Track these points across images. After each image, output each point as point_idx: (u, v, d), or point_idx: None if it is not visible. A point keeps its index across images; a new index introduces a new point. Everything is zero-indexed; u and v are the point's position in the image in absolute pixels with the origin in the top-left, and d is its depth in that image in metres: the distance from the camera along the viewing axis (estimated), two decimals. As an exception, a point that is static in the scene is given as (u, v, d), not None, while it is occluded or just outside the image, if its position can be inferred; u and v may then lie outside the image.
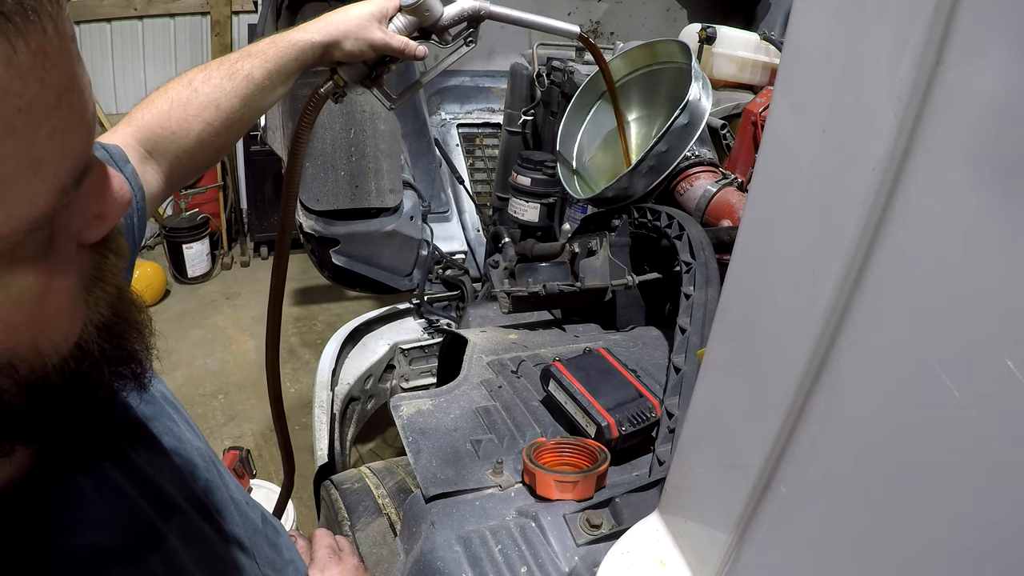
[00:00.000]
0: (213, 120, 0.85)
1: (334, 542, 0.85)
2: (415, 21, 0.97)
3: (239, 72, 0.87)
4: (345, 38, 0.92)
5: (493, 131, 2.66)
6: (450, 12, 1.01)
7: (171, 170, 0.84)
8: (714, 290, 1.06)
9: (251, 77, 0.87)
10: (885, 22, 0.42)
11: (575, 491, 0.83)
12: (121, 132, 0.81)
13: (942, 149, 0.39)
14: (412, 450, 0.91)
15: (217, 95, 0.85)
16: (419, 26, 0.99)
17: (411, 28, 0.98)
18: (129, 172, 0.75)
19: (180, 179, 0.87)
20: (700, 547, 0.69)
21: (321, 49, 0.92)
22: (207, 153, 0.88)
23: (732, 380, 0.64)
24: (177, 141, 0.83)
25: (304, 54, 0.91)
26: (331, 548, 0.83)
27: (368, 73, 0.99)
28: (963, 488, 0.40)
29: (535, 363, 1.11)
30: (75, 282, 0.40)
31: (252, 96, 0.88)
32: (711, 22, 2.06)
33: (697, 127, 1.26)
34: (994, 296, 0.37)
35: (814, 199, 0.50)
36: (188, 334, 3.59)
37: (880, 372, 0.45)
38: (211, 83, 0.85)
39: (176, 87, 0.86)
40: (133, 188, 0.73)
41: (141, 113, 0.83)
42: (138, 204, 0.75)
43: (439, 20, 1.00)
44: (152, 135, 0.82)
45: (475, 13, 1.03)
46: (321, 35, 0.91)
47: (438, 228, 2.35)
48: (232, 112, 0.86)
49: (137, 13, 4.07)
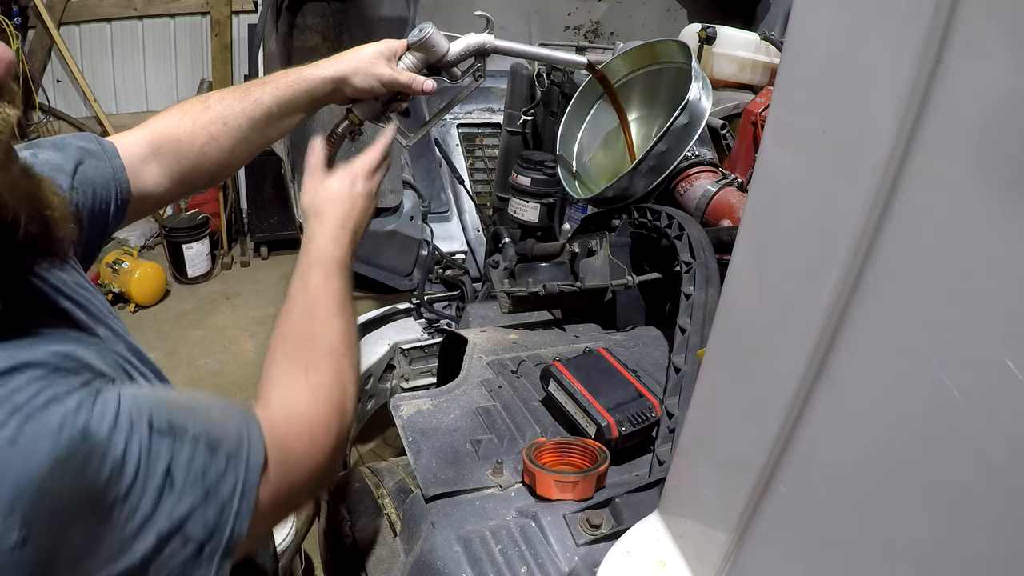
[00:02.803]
0: (218, 135, 0.91)
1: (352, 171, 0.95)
2: (423, 58, 1.01)
3: (250, 95, 0.92)
4: (355, 74, 0.95)
5: (493, 131, 2.65)
6: (456, 48, 1.03)
7: (172, 174, 0.90)
8: (714, 290, 1.06)
9: (260, 101, 0.92)
10: (885, 22, 0.42)
11: (575, 491, 0.83)
12: (133, 133, 0.89)
13: (942, 149, 0.39)
14: (412, 450, 0.91)
15: (226, 113, 0.91)
16: (427, 63, 1.02)
17: (419, 65, 1.01)
18: (116, 165, 0.83)
19: (182, 185, 0.93)
20: (700, 547, 0.69)
21: (332, 84, 0.95)
22: (211, 166, 0.93)
23: (732, 380, 0.64)
24: (182, 148, 0.90)
25: (314, 87, 0.95)
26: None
27: (382, 110, 1.02)
28: (963, 488, 0.40)
29: (535, 363, 1.11)
30: None
31: (260, 120, 0.93)
32: (711, 22, 2.06)
33: (697, 127, 1.26)
34: (994, 296, 0.37)
35: (814, 199, 0.50)
36: (188, 334, 3.59)
37: (880, 372, 0.45)
38: (223, 102, 0.92)
39: (193, 102, 0.93)
40: (118, 180, 0.83)
41: (156, 120, 0.91)
42: (120, 191, 0.83)
43: (445, 56, 1.02)
44: (159, 139, 0.89)
45: (480, 48, 1.05)
46: (331, 71, 0.95)
47: (438, 228, 2.35)
48: (239, 132, 0.92)
49: (137, 13, 4.07)
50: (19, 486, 0.45)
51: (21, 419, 0.46)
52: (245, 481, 0.59)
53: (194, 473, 0.56)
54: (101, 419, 0.50)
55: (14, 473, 0.45)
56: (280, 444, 0.65)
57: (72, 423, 0.48)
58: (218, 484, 0.57)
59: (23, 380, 0.48)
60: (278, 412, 0.70)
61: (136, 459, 0.52)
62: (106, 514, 0.50)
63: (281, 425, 0.68)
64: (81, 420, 0.49)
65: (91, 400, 0.51)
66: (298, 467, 0.68)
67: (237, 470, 0.59)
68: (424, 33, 0.99)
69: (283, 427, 0.68)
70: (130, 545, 0.51)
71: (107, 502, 0.50)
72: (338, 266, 0.87)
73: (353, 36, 2.44)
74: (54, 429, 0.47)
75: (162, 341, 3.46)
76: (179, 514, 0.54)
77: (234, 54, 4.30)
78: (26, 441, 0.46)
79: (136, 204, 0.87)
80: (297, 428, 0.69)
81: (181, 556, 0.55)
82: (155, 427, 0.54)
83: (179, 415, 0.57)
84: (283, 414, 0.70)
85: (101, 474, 0.49)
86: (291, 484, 0.67)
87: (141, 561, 0.52)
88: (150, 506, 0.52)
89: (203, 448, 0.57)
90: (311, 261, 0.86)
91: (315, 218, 0.91)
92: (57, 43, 3.87)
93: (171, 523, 0.54)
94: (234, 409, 0.64)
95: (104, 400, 0.52)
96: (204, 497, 0.56)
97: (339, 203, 0.92)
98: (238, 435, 0.61)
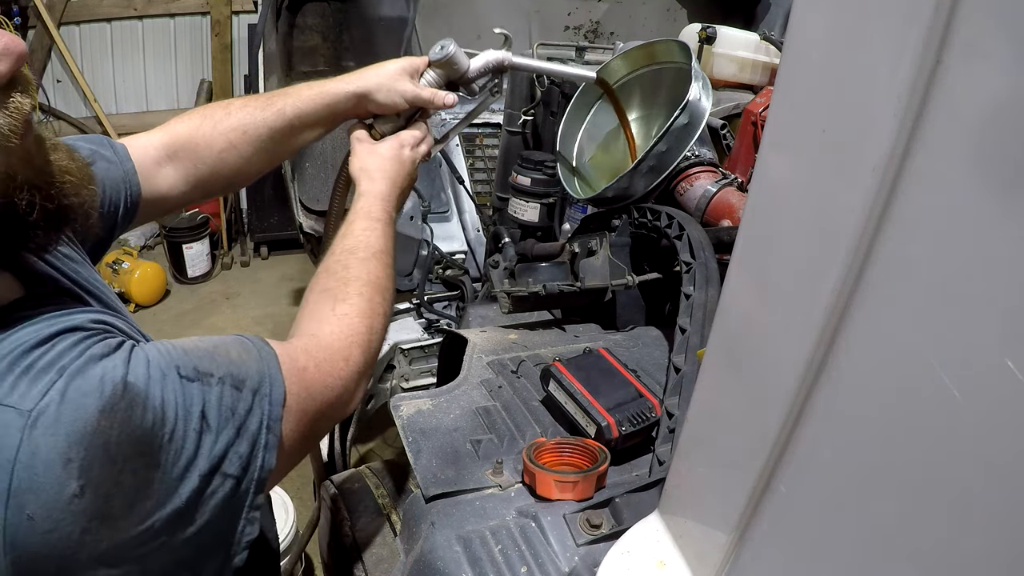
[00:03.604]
0: (238, 142, 0.92)
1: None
2: (444, 74, 1.03)
3: (272, 105, 0.94)
4: (378, 89, 0.97)
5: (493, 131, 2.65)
6: (476, 64, 1.06)
7: (188, 178, 0.92)
8: (714, 290, 1.06)
9: (282, 112, 0.94)
10: (885, 22, 0.42)
11: (575, 491, 0.83)
12: (151, 135, 0.90)
13: (942, 149, 0.39)
14: (412, 450, 0.91)
15: (246, 121, 0.93)
16: (448, 79, 1.04)
17: (440, 81, 1.04)
18: (128, 168, 0.84)
19: (198, 189, 0.94)
20: (700, 547, 0.69)
21: (354, 99, 0.97)
22: (229, 172, 0.95)
23: (732, 380, 0.64)
24: (199, 153, 0.91)
25: (337, 101, 0.97)
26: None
27: (403, 125, 1.04)
28: (963, 488, 0.40)
29: (535, 363, 1.11)
30: None
31: (280, 131, 0.94)
32: (711, 22, 2.06)
33: (697, 127, 1.26)
34: (994, 296, 0.37)
35: (814, 199, 0.50)
36: (188, 334, 3.55)
37: (880, 372, 0.45)
38: (245, 110, 0.94)
39: (214, 106, 0.95)
40: (129, 183, 0.84)
41: (175, 123, 0.92)
42: (131, 193, 0.84)
43: (466, 72, 1.05)
44: (176, 142, 0.90)
45: (499, 64, 1.08)
46: (354, 86, 0.97)
47: (438, 228, 2.35)
48: (258, 141, 0.93)
49: (137, 13, 4.07)
50: (72, 437, 0.49)
51: (68, 377, 0.50)
52: (270, 415, 0.62)
53: (225, 412, 0.59)
54: (136, 372, 0.54)
55: (66, 426, 0.49)
56: (299, 376, 0.68)
57: (112, 376, 0.52)
58: (247, 420, 0.60)
59: (67, 344, 0.52)
60: (299, 344, 0.73)
61: (174, 405, 0.55)
62: (154, 458, 0.53)
63: (301, 357, 0.70)
64: (120, 373, 0.53)
65: (125, 356, 0.55)
66: (318, 397, 0.70)
67: (262, 404, 0.62)
68: (447, 51, 1.01)
69: (303, 359, 0.70)
70: (176, 487, 0.54)
71: (153, 447, 0.53)
72: (382, 220, 0.90)
73: (353, 36, 2.44)
74: (96, 384, 0.51)
75: (162, 341, 3.46)
76: (217, 452, 0.57)
77: (234, 54, 4.30)
78: (74, 396, 0.50)
79: (150, 206, 0.89)
80: (316, 358, 0.72)
81: (221, 493, 0.58)
82: (183, 375, 0.57)
83: (203, 360, 0.60)
84: (303, 346, 0.72)
85: (145, 421, 0.53)
86: (311, 414, 0.69)
87: (187, 502, 0.55)
88: (192, 448, 0.55)
89: (229, 388, 0.60)
90: (357, 214, 0.90)
91: (365, 177, 0.95)
92: (57, 43, 3.87)
93: (211, 462, 0.57)
94: (250, 345, 0.66)
95: (135, 356, 0.55)
96: (236, 434, 0.59)
97: (390, 162, 0.96)
98: (259, 371, 0.64)
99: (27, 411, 0.48)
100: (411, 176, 1.00)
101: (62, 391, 0.49)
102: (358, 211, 0.90)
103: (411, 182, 1.00)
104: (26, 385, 0.49)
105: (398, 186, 0.96)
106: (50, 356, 0.51)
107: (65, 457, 0.48)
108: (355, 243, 0.86)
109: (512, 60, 1.09)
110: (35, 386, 0.49)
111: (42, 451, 0.48)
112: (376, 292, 0.82)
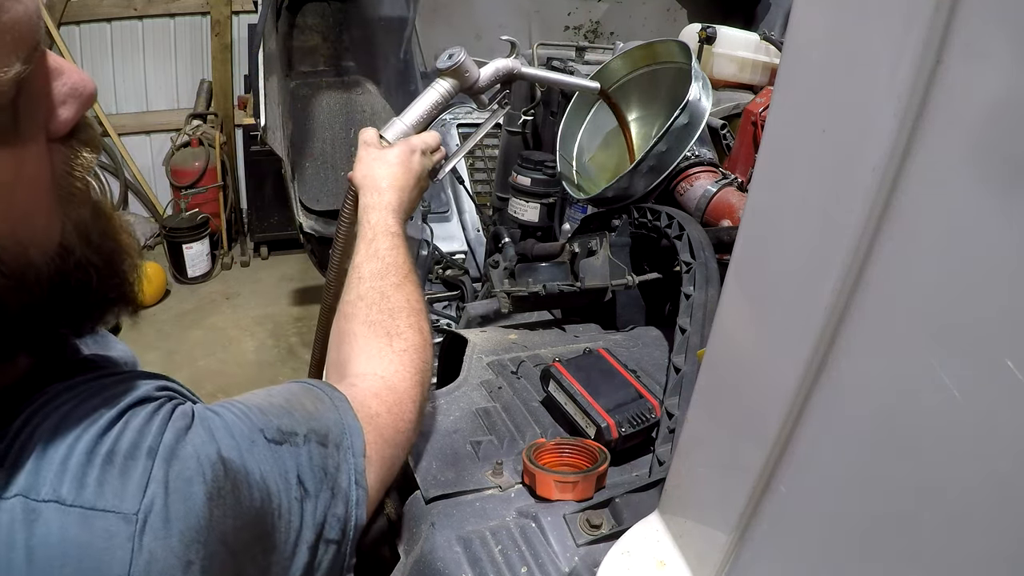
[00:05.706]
0: None
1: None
2: (456, 84, 1.01)
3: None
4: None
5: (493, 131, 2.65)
6: (486, 73, 1.05)
7: None
8: (714, 290, 1.06)
9: None
10: (885, 22, 0.42)
11: (575, 491, 0.83)
12: None
13: (942, 149, 0.39)
14: (412, 452, 0.91)
15: None
16: (459, 89, 1.02)
17: (452, 91, 1.01)
18: None
19: None
20: (700, 547, 0.69)
21: None
22: None
23: (732, 380, 0.64)
24: None
25: None
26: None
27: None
28: (963, 488, 0.40)
29: (535, 363, 1.11)
30: (47, 174, 0.41)
31: None
32: (711, 22, 2.06)
33: (697, 127, 1.26)
34: (994, 296, 0.37)
35: (814, 199, 0.50)
36: (188, 334, 3.59)
37: (880, 372, 0.45)
38: None
39: None
40: None
41: None
42: None
43: (477, 82, 1.03)
44: None
45: (509, 73, 1.07)
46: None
47: (438, 228, 2.35)
48: None
49: (137, 13, 4.07)
50: (187, 536, 0.42)
51: (163, 463, 0.43)
52: (356, 468, 0.58)
53: (318, 473, 0.54)
54: (226, 444, 0.47)
55: (178, 523, 0.41)
56: (374, 423, 0.63)
57: (207, 454, 0.45)
58: (337, 478, 0.56)
59: (140, 419, 0.44)
60: (368, 388, 0.67)
61: (273, 476, 0.49)
62: (270, 541, 0.48)
63: (372, 402, 0.65)
64: (212, 449, 0.46)
65: (208, 427, 0.47)
66: (391, 442, 0.66)
67: (347, 459, 0.57)
68: (456, 60, 0.98)
69: (375, 404, 0.65)
70: (289, 567, 0.49)
71: (267, 529, 0.48)
72: (401, 235, 0.86)
73: (353, 36, 2.44)
74: (195, 466, 0.44)
75: (162, 341, 3.46)
76: (319, 519, 0.53)
77: (234, 54, 4.29)
78: (178, 485, 0.42)
79: None
80: (387, 402, 0.67)
81: (326, 562, 0.53)
82: (270, 438, 0.51)
83: (283, 419, 0.54)
84: (373, 390, 0.68)
85: (253, 501, 0.47)
86: (388, 461, 0.65)
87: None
88: (298, 521, 0.50)
89: (316, 445, 0.55)
90: (375, 230, 0.84)
91: (372, 188, 0.88)
92: (57, 43, 3.87)
93: (315, 531, 0.52)
94: (321, 394, 0.61)
95: (214, 425, 0.48)
96: (332, 495, 0.55)
97: (399, 168, 0.89)
98: (336, 422, 0.59)
99: (132, 514, 0.40)
100: (419, 188, 0.93)
101: (163, 482, 0.42)
102: (375, 227, 0.84)
103: (420, 192, 0.94)
104: (118, 480, 0.40)
105: (406, 198, 0.90)
106: (130, 437, 0.42)
107: (185, 561, 0.41)
108: (383, 266, 0.81)
109: (520, 70, 1.08)
110: (129, 480, 0.41)
111: (159, 559, 0.40)
112: (423, 319, 0.79)
